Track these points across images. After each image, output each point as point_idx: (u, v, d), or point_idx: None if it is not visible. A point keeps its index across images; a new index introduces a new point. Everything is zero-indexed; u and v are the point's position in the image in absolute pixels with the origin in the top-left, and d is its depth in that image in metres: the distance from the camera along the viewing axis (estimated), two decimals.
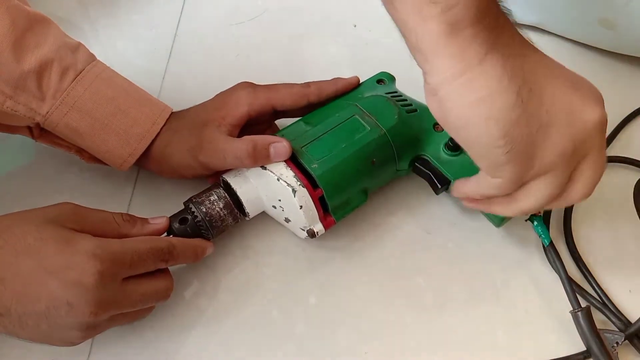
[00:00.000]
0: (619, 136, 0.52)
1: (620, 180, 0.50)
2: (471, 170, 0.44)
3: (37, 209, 0.38)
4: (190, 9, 0.62)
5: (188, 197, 0.43)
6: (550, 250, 0.44)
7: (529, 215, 0.44)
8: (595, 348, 0.40)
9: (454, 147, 0.45)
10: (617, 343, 0.40)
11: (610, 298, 0.43)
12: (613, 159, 0.51)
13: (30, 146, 0.52)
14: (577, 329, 0.41)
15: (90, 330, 0.37)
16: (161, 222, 0.42)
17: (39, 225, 0.36)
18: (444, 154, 0.45)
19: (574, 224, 0.47)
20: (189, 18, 0.62)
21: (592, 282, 0.44)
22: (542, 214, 0.44)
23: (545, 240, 0.44)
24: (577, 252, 0.46)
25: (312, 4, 0.62)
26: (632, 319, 0.42)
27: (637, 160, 0.50)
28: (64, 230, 0.36)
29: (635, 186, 0.46)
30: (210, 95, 0.55)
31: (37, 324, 0.35)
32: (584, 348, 0.41)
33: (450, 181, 0.44)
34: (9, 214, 0.37)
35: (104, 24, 0.61)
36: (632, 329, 0.41)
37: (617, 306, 0.43)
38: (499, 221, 0.43)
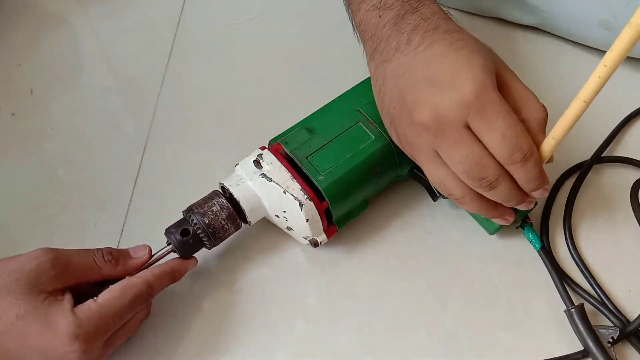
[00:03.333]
0: (619, 136, 0.52)
1: (620, 180, 0.50)
2: None
3: (9, 268, 0.36)
4: (190, 9, 0.62)
5: (187, 206, 0.42)
6: (541, 254, 0.45)
7: (520, 222, 0.46)
8: (591, 344, 0.40)
9: None
10: (612, 338, 0.41)
11: (610, 298, 0.43)
12: (613, 159, 0.51)
13: (29, 146, 0.52)
14: (572, 327, 0.41)
15: None
16: (144, 255, 0.41)
17: (19, 297, 0.35)
18: None
19: (574, 224, 0.47)
20: (189, 18, 0.62)
21: (592, 282, 0.44)
22: (531, 221, 0.46)
23: (536, 245, 0.45)
24: (577, 252, 0.46)
25: (312, 3, 0.62)
26: (632, 318, 0.42)
27: (637, 160, 0.50)
28: (41, 306, 0.35)
29: (632, 187, 0.46)
30: (210, 95, 0.56)
31: None
32: (582, 348, 0.41)
33: None
34: None
35: (104, 24, 0.62)
36: (630, 328, 0.41)
37: (617, 306, 0.43)
38: (493, 230, 0.44)
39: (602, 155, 0.51)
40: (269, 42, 0.60)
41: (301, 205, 0.41)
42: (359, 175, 0.42)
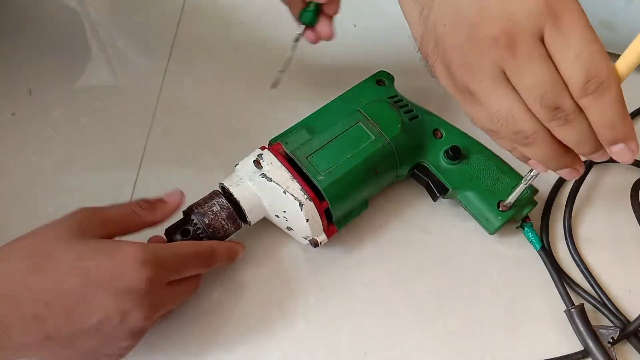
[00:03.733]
0: None
1: (620, 180, 0.50)
2: (469, 180, 0.45)
3: (55, 224, 0.36)
4: (190, 9, 0.62)
5: (188, 206, 0.42)
6: (542, 254, 0.45)
7: (520, 222, 0.46)
8: (591, 344, 0.40)
9: (453, 156, 0.45)
10: (612, 338, 0.41)
11: (611, 298, 0.43)
12: (613, 159, 0.50)
13: (29, 146, 0.52)
14: (573, 327, 0.41)
15: (140, 335, 0.37)
16: (176, 197, 0.41)
17: (74, 243, 0.35)
18: (443, 162, 0.45)
19: (574, 225, 0.47)
20: (189, 18, 0.62)
21: (592, 282, 0.44)
22: (531, 221, 0.46)
23: (536, 245, 0.45)
24: (578, 252, 0.46)
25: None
26: (632, 318, 0.42)
27: (637, 161, 0.50)
28: (100, 242, 0.35)
29: (632, 187, 0.46)
30: (210, 95, 0.56)
31: (86, 341, 0.34)
32: (582, 347, 0.41)
33: (448, 189, 0.45)
34: (34, 235, 0.36)
35: (105, 24, 0.62)
36: (630, 328, 0.41)
37: (617, 306, 0.43)
38: (493, 230, 0.44)
39: None
40: (269, 42, 0.60)
41: (301, 205, 0.41)
42: (359, 175, 0.42)
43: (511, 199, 0.43)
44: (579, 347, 0.41)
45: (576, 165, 0.34)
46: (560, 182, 0.49)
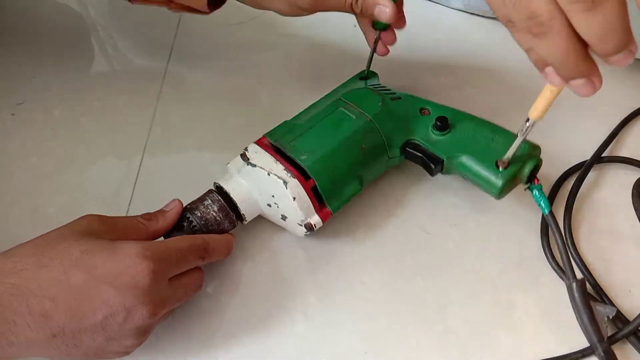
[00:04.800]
0: (619, 136, 0.52)
1: (620, 180, 0.50)
2: (461, 146, 0.45)
3: (64, 226, 0.37)
4: None
5: (185, 204, 0.43)
6: (549, 218, 0.42)
7: (528, 184, 0.43)
8: (585, 319, 0.40)
9: (441, 126, 0.45)
10: (608, 317, 0.41)
11: (610, 298, 0.43)
12: (613, 159, 0.51)
13: (29, 146, 0.52)
14: (571, 301, 0.41)
15: (145, 333, 0.37)
16: (175, 205, 0.42)
17: (79, 240, 0.35)
18: (433, 135, 0.46)
19: (574, 224, 0.47)
20: (189, 18, 0.62)
21: (592, 282, 0.44)
22: (541, 183, 0.43)
23: (545, 209, 0.42)
24: (578, 252, 0.46)
25: None
26: (632, 318, 0.42)
27: (637, 160, 0.50)
28: (105, 241, 0.36)
29: (634, 186, 0.46)
30: (209, 95, 0.56)
31: (92, 339, 0.34)
32: (581, 346, 0.41)
33: (443, 160, 0.45)
34: (40, 236, 0.36)
35: (105, 24, 0.62)
36: (630, 327, 0.41)
37: (617, 306, 0.43)
38: (498, 192, 0.42)
39: (602, 155, 0.51)
40: (269, 42, 0.60)
41: (285, 183, 0.41)
42: (343, 151, 0.43)
43: (509, 154, 0.41)
44: (578, 347, 0.41)
45: (593, 76, 0.29)
46: (560, 182, 0.50)
